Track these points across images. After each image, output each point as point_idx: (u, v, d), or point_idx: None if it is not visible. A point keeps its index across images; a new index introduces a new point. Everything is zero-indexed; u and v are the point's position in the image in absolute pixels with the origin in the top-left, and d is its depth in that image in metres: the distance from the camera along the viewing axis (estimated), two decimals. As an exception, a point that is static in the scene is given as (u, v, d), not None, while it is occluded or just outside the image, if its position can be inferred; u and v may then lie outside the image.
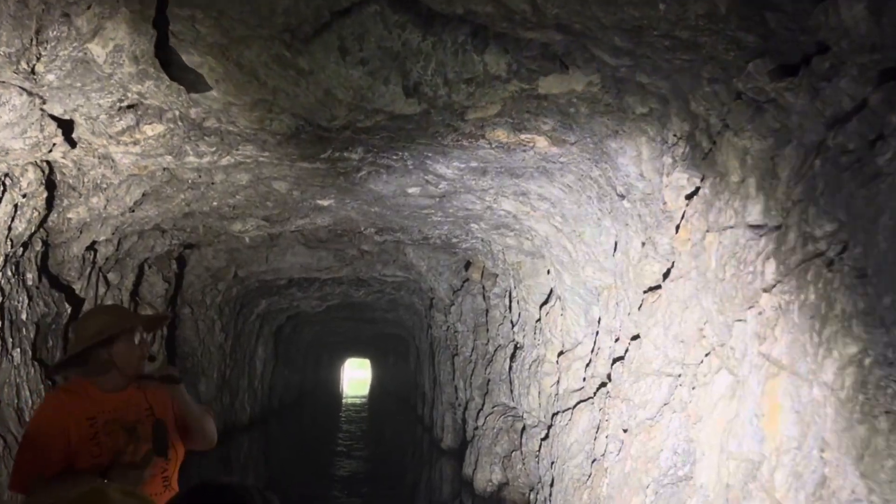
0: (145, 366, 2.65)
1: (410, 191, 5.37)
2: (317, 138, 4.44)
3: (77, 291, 7.61)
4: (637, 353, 4.17)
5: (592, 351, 5.33)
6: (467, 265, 9.26)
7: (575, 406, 5.32)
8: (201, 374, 12.58)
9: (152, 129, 4.71)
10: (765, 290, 2.87)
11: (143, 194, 6.31)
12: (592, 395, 5.12)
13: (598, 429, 4.81)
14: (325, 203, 6.33)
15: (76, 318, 7.61)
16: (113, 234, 7.18)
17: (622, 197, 3.79)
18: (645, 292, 3.93)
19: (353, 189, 5.58)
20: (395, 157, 4.78)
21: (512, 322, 7.67)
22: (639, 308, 4.02)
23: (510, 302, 7.60)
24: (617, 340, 4.64)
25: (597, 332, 5.30)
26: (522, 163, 4.27)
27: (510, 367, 7.61)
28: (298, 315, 18.92)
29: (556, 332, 6.00)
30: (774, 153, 2.82)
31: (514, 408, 8.03)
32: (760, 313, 2.89)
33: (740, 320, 3.05)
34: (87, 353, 2.58)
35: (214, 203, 6.76)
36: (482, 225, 6.29)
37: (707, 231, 3.23)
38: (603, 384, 4.93)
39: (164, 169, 5.60)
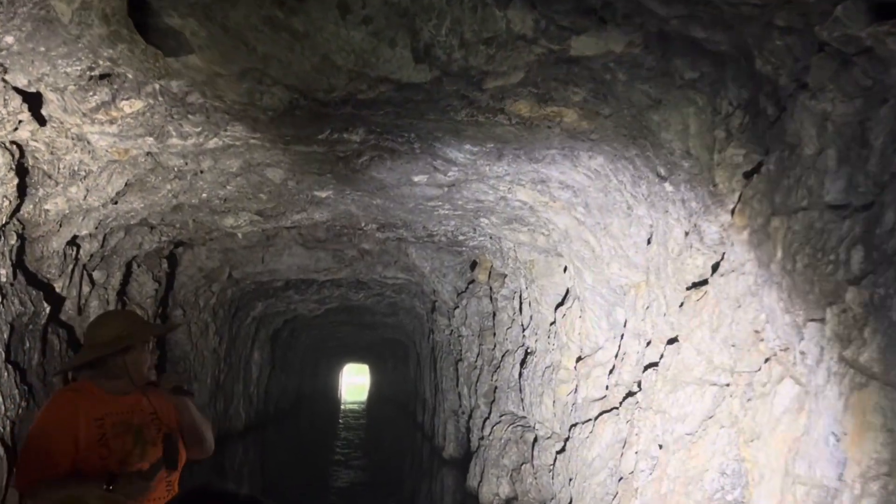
0: (152, 374, 2.66)
1: (416, 179, 4.86)
2: (313, 115, 3.94)
3: (58, 290, 7.09)
4: (674, 359, 3.66)
5: (617, 356, 4.82)
6: (473, 265, 8.75)
7: (597, 417, 4.80)
8: (194, 379, 12.05)
9: (130, 106, 4.20)
10: (850, 283, 2.37)
11: (127, 184, 5.81)
12: (618, 406, 4.61)
13: (625, 443, 4.29)
14: (322, 194, 5.82)
15: (56, 318, 7.11)
16: (96, 228, 6.67)
17: (663, 179, 3.28)
18: (687, 289, 3.43)
19: (354, 177, 5.08)
20: (400, 139, 4.28)
21: (522, 325, 7.16)
22: (679, 307, 3.51)
23: (520, 304, 7.10)
24: (648, 344, 4.13)
25: (622, 336, 4.79)
26: (545, 143, 3.76)
27: (520, 374, 7.10)
28: (296, 319, 18.39)
29: (574, 336, 5.49)
30: (864, 117, 2.33)
31: (524, 417, 7.50)
32: (844, 311, 2.39)
33: (815, 320, 2.54)
34: (101, 358, 2.58)
35: (204, 195, 6.25)
36: (493, 219, 5.78)
37: (772, 215, 2.72)
38: (630, 393, 4.42)
39: (147, 154, 5.09)
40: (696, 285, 3.44)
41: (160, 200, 6.35)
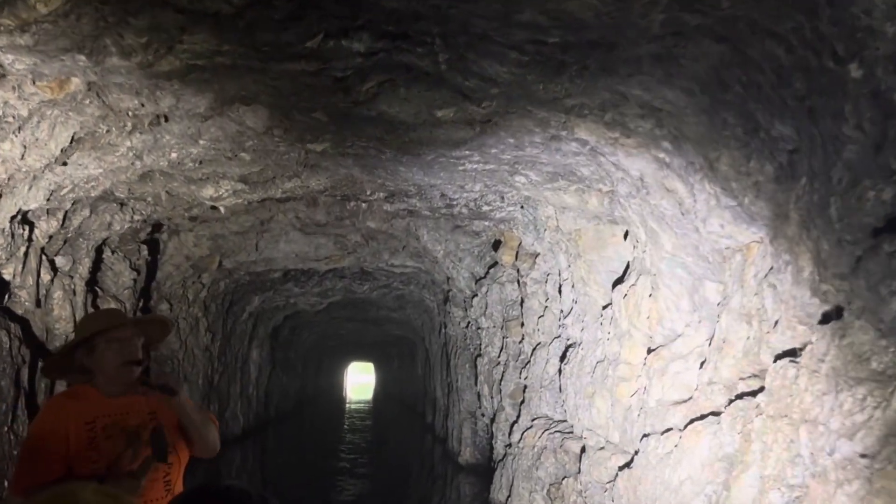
0: (135, 371, 2.52)
1: (440, 114, 3.63)
2: (296, 3, 2.74)
3: (6, 276, 5.90)
4: (834, 345, 2.45)
5: (711, 345, 3.60)
6: (496, 246, 7.53)
7: (686, 426, 3.58)
8: (184, 380, 10.84)
9: (45, 4, 3.00)
10: None
11: (75, 138, 4.59)
12: (720, 411, 3.38)
13: (738, 464, 3.07)
14: (318, 148, 4.60)
15: (6, 310, 5.96)
16: (49, 200, 5.46)
17: (842, 61, 2.06)
18: (875, 235, 2.21)
19: (357, 117, 3.85)
20: (420, 50, 3.07)
21: (561, 312, 5.93)
22: (854, 264, 2.28)
23: (559, 287, 5.87)
24: (776, 325, 2.90)
25: (717, 318, 3.57)
26: (638, 32, 2.54)
27: (560, 371, 5.88)
28: (297, 315, 17.17)
29: (640, 322, 4.27)
30: None
31: (563, 422, 6.28)
32: None
33: None
34: (72, 357, 2.53)
35: (173, 154, 5.03)
36: (533, 175, 4.54)
37: None
38: (742, 395, 3.20)
39: (88, 89, 3.88)
40: (880, 231, 2.23)
41: (122, 164, 5.14)
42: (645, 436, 4.04)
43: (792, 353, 2.79)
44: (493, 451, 8.49)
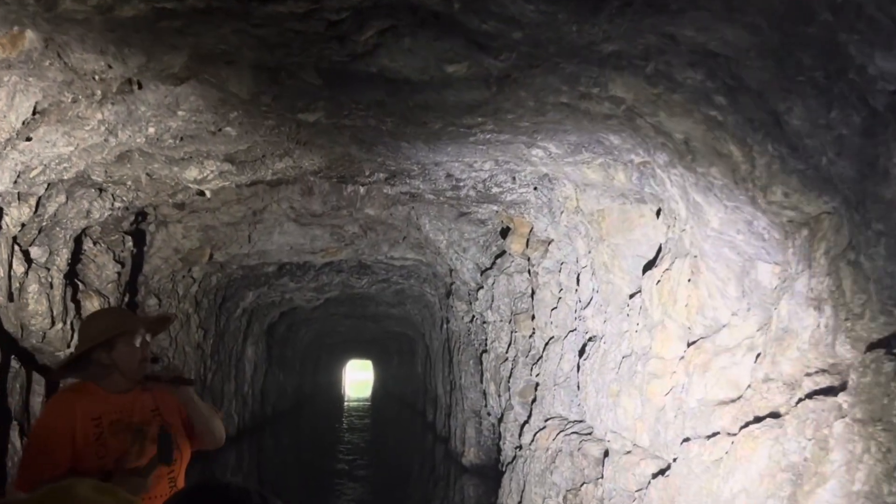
0: (148, 367, 2.59)
1: (451, 69, 3.11)
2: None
3: (-29, 268, 5.40)
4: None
5: (766, 336, 3.09)
6: (504, 233, 7.01)
7: (740, 430, 3.07)
8: (173, 379, 10.32)
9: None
10: None
11: (37, 109, 4.07)
12: (781, 412, 2.87)
13: (810, 476, 2.56)
14: (311, 118, 4.08)
15: (-28, 302, 5.47)
16: (17, 183, 4.93)
17: None
18: None
19: (354, 76, 3.34)
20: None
21: (578, 303, 5.42)
22: None
23: (577, 276, 5.35)
24: (862, 310, 2.39)
25: (774, 305, 3.06)
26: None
27: (578, 367, 5.37)
28: (293, 312, 16.65)
29: (677, 311, 3.76)
30: None
31: (580, 422, 5.77)
32: None
33: None
34: (89, 356, 2.54)
35: (151, 129, 4.50)
36: (552, 148, 4.02)
37: None
38: (813, 393, 2.69)
39: (46, 45, 3.36)
40: None
41: (94, 140, 4.61)
42: (685, 440, 3.53)
43: (886, 344, 2.29)
44: (500, 452, 7.98)
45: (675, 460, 3.63)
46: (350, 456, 12.37)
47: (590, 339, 5.09)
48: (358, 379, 48.08)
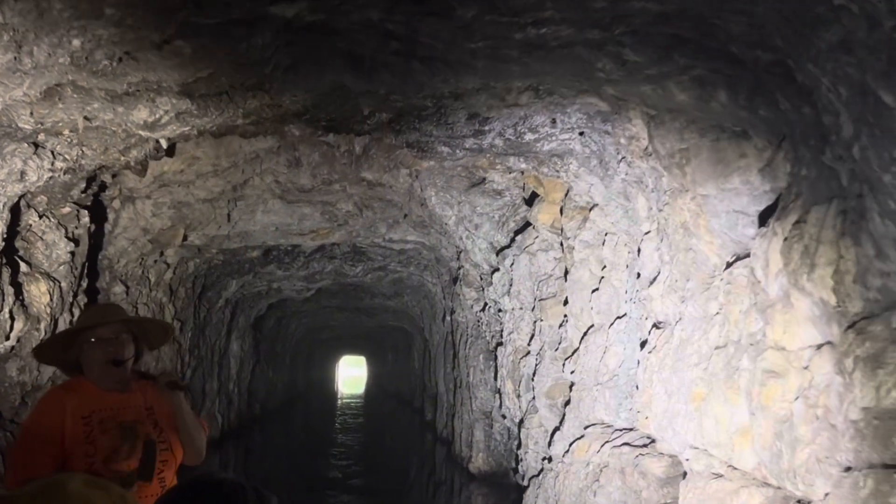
0: (117, 371, 2.46)
1: None
2: None
3: None
4: None
5: None
6: (530, 201, 5.81)
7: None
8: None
9: None
10: None
11: None
12: None
13: None
14: (289, 12, 2.87)
15: None
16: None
17: None
18: None
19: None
20: None
21: (637, 278, 4.21)
22: None
23: (638, 244, 4.13)
24: None
25: None
26: None
27: (637, 362, 4.17)
28: (283, 304, 15.41)
29: (815, 282, 2.56)
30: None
31: (629, 430, 4.59)
32: None
33: None
34: (58, 349, 2.53)
35: (75, 42, 3.27)
36: (628, 53, 2.81)
37: None
38: None
39: None
40: None
41: (4, 61, 3.40)
42: (847, 469, 2.34)
43: None
44: (518, 461, 6.79)
45: (826, 496, 2.44)
46: (344, 461, 11.14)
47: (655, 326, 3.89)
48: (351, 375, 47.12)
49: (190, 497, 1.22)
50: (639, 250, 4.07)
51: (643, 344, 4.06)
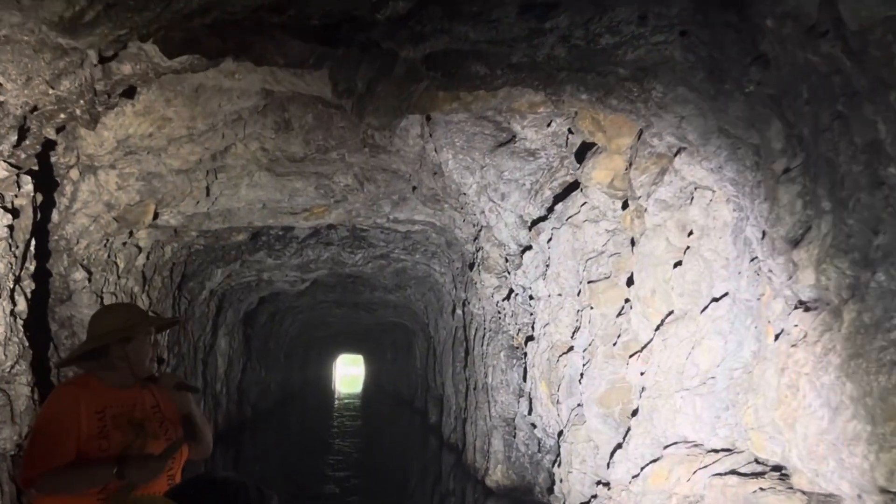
0: (153, 366, 2.61)
1: None
2: None
3: None
4: None
5: None
6: (581, 153, 4.54)
7: None
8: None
9: None
10: None
11: None
12: None
13: None
14: None
15: None
16: None
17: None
18: None
19: None
20: None
21: (762, 238, 2.96)
22: None
23: (770, 200, 2.87)
24: None
25: None
26: None
27: (753, 360, 2.90)
28: (275, 298, 14.12)
29: None
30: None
31: (733, 451, 3.32)
32: None
33: None
34: (102, 349, 2.53)
35: None
36: None
37: None
38: None
39: None
40: None
41: None
42: None
43: None
44: (554, 480, 5.52)
45: None
46: (341, 472, 9.85)
47: (803, 307, 2.62)
48: (348, 374, 46.02)
49: (194, 495, 1.24)
50: (766, 199, 2.79)
51: (777, 336, 2.78)
